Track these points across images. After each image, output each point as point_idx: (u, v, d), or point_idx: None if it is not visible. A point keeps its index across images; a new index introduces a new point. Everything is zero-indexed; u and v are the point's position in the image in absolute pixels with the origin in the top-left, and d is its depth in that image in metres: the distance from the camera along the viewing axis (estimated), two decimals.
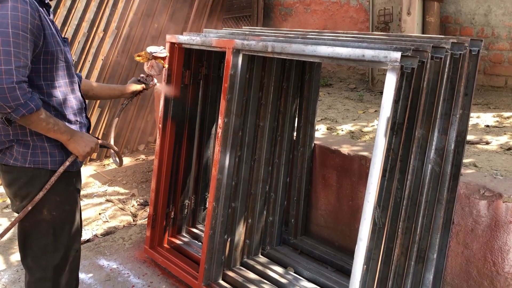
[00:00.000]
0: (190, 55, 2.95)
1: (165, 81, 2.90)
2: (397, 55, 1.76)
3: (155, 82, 2.60)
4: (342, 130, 3.48)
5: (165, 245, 3.17)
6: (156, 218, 3.09)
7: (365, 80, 5.23)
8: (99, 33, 4.80)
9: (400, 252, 2.20)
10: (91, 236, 3.55)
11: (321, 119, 3.79)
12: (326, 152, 3.03)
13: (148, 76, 2.55)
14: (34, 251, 1.98)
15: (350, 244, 2.96)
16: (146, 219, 3.49)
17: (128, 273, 3.03)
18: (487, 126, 3.42)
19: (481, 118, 3.62)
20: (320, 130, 3.46)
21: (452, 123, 2.22)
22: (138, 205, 4.09)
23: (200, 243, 3.12)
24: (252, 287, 2.63)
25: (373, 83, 4.92)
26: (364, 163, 2.79)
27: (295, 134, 3.07)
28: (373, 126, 3.55)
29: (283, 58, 2.61)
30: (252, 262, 2.90)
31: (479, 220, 2.31)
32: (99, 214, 3.92)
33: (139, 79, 2.54)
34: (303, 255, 3.05)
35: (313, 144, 3.10)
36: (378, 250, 1.99)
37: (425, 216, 2.27)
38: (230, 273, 2.77)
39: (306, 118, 3.03)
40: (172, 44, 2.84)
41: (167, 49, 2.84)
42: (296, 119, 3.06)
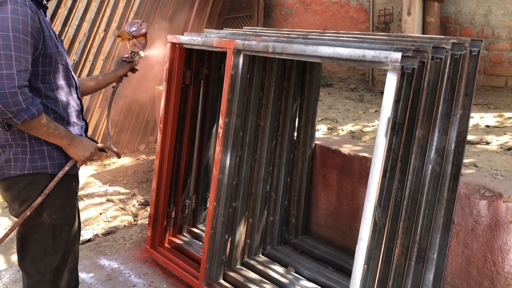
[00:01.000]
0: (191, 55, 2.96)
1: (166, 81, 2.90)
2: (398, 56, 1.76)
3: (141, 55, 2.51)
4: (343, 130, 3.49)
5: (166, 245, 3.18)
6: (157, 218, 3.09)
7: (366, 80, 5.23)
8: (100, 33, 4.81)
9: (401, 252, 2.20)
10: (92, 236, 3.56)
11: (322, 119, 3.79)
12: (327, 152, 3.04)
13: (133, 54, 2.46)
14: (32, 254, 1.97)
15: (351, 244, 2.97)
16: (147, 219, 3.50)
17: (129, 273, 3.03)
18: (488, 126, 3.42)
19: (482, 118, 3.62)
20: (321, 130, 3.46)
21: (453, 123, 2.22)
22: (139, 205, 4.09)
23: (201, 243, 3.12)
24: (253, 287, 2.64)
25: (374, 83, 4.92)
26: (365, 163, 2.80)
27: (296, 134, 3.07)
28: (374, 126, 3.56)
29: (284, 59, 2.61)
30: (253, 262, 2.91)
31: (479, 220, 2.32)
32: (100, 214, 3.92)
33: (124, 60, 2.45)
34: (304, 255, 3.06)
35: (314, 144, 3.10)
36: (379, 250, 2.00)
37: (426, 216, 2.28)
38: (231, 273, 2.78)
39: (307, 118, 3.04)
40: (173, 44, 2.85)
41: (168, 50, 2.85)
42: (297, 119, 3.06)
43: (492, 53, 4.43)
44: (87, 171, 4.86)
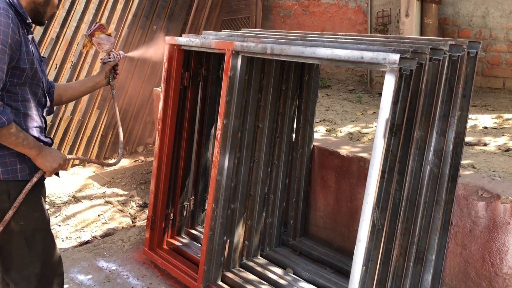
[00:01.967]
0: (189, 57, 2.96)
1: (164, 82, 2.90)
2: (396, 57, 1.77)
3: (121, 54, 2.47)
4: (341, 132, 3.49)
5: (164, 247, 3.17)
6: (155, 220, 3.09)
7: (364, 82, 5.24)
8: None
9: (399, 253, 2.20)
10: (90, 238, 3.55)
11: (320, 121, 3.80)
12: (325, 154, 3.04)
13: (108, 53, 2.41)
14: (15, 263, 1.97)
15: (349, 245, 2.97)
16: (145, 221, 3.50)
17: (127, 275, 3.03)
18: (485, 128, 3.43)
19: (479, 120, 3.63)
20: (319, 132, 3.46)
21: (451, 125, 2.22)
22: (137, 207, 4.09)
23: (199, 245, 3.12)
24: None
25: (372, 85, 4.93)
26: (363, 165, 2.80)
27: (294, 136, 3.07)
28: (372, 128, 3.56)
29: (282, 60, 2.61)
30: (251, 264, 2.91)
31: (477, 221, 2.32)
32: (98, 216, 3.92)
33: (104, 61, 2.42)
34: (302, 256, 3.06)
35: (312, 146, 3.11)
36: (377, 251, 2.00)
37: (424, 217, 2.28)
38: (229, 275, 2.78)
39: (305, 120, 3.04)
40: (172, 46, 2.85)
41: (166, 52, 2.85)
42: (295, 121, 3.07)
43: (490, 55, 4.44)
44: (86, 173, 4.86)
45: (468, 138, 3.09)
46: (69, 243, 3.50)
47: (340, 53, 1.95)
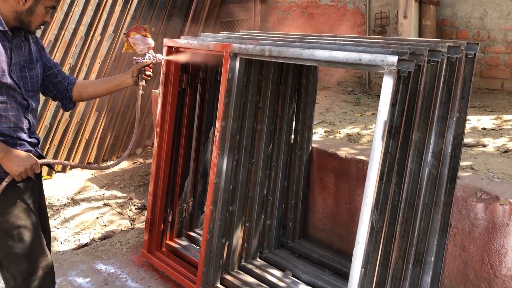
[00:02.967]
0: None
1: (163, 85, 2.90)
2: (394, 59, 1.77)
3: (157, 57, 2.39)
4: (340, 133, 3.49)
5: (163, 249, 3.17)
6: (154, 222, 3.08)
7: (362, 83, 5.24)
8: (97, 37, 4.80)
9: (398, 255, 2.20)
10: (89, 240, 3.54)
11: (319, 122, 3.79)
12: (324, 155, 3.04)
13: (143, 55, 2.34)
14: (2, 261, 1.99)
15: (348, 247, 2.96)
16: (144, 223, 3.49)
17: (126, 277, 3.02)
18: (484, 129, 3.43)
19: (478, 121, 3.63)
20: (318, 133, 3.46)
21: (449, 126, 2.22)
22: (136, 209, 4.08)
23: (198, 247, 3.11)
24: None
25: (370, 86, 4.93)
26: (362, 166, 2.80)
27: (293, 137, 3.07)
28: (371, 129, 3.56)
29: (281, 62, 2.61)
30: (250, 266, 2.90)
31: (476, 223, 2.32)
32: (97, 218, 3.91)
33: (136, 61, 2.35)
34: (301, 259, 3.05)
35: (311, 147, 3.10)
36: (376, 253, 2.00)
37: (423, 219, 2.28)
38: (228, 277, 2.77)
39: (304, 121, 3.04)
40: (170, 48, 2.85)
41: (165, 53, 2.84)
42: (294, 122, 3.06)
43: (488, 56, 4.45)
44: (84, 175, 4.85)
45: (467, 140, 3.09)
46: (68, 246, 3.49)
47: (338, 55, 1.95)
